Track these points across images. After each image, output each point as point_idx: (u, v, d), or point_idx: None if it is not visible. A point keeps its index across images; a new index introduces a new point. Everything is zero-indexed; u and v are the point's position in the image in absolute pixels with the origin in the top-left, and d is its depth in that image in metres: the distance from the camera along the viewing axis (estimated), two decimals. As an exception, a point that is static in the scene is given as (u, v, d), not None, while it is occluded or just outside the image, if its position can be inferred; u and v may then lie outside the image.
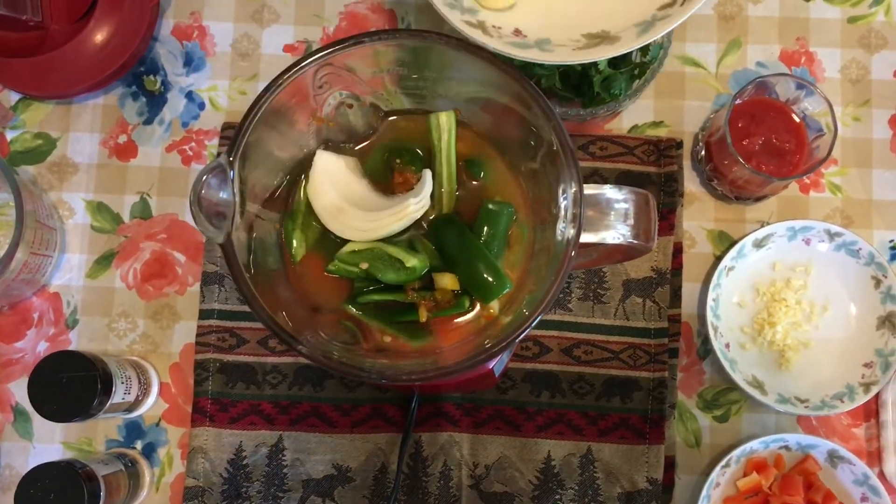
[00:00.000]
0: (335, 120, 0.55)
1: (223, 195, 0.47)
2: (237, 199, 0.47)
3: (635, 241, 0.50)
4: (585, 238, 0.49)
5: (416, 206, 0.53)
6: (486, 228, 0.54)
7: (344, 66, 0.51)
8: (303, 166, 0.56)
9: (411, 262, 0.52)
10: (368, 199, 0.55)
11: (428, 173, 0.54)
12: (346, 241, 0.54)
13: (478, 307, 0.55)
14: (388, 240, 0.54)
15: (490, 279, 0.53)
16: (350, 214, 0.53)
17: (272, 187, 0.55)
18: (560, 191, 0.49)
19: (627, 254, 0.55)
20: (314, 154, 0.55)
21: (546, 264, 0.52)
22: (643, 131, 0.86)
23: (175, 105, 0.86)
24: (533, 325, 0.48)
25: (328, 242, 0.54)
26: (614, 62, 0.82)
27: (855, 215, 0.85)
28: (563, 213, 0.49)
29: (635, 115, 0.86)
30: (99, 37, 0.83)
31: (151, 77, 0.87)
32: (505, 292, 0.53)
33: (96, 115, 0.86)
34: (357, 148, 0.58)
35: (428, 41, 0.49)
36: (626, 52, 0.67)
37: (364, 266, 0.53)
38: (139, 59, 0.87)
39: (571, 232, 0.48)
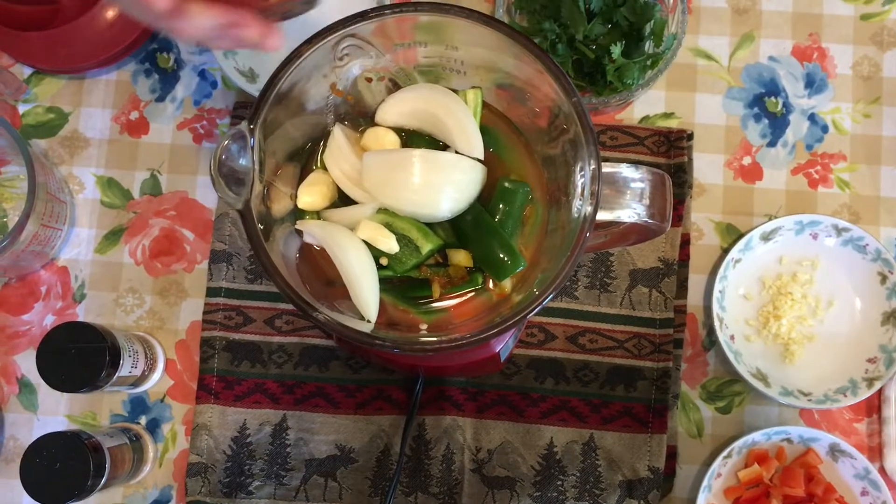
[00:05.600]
0: (353, 94, 0.55)
1: (242, 162, 0.47)
2: (256, 166, 0.47)
3: (650, 221, 0.51)
4: (601, 216, 0.49)
5: None
6: (501, 206, 0.54)
7: (365, 38, 0.51)
8: (318, 140, 0.56)
9: (426, 247, 0.52)
10: None
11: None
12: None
13: (491, 284, 0.55)
14: None
15: (504, 257, 0.53)
16: None
17: (288, 159, 0.55)
18: (577, 168, 0.50)
19: (642, 234, 0.55)
20: (330, 128, 0.56)
21: (560, 244, 0.52)
22: (654, 122, 0.86)
23: (188, 83, 0.87)
24: (545, 302, 0.49)
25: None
26: (628, 52, 0.82)
27: (862, 211, 0.85)
28: (579, 190, 0.50)
29: (647, 105, 0.86)
30: (111, 12, 0.83)
31: (165, 54, 0.87)
32: (518, 271, 0.53)
33: (109, 90, 0.86)
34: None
35: (450, 15, 0.49)
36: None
37: (384, 262, 0.53)
38: (152, 36, 0.87)
39: (588, 209, 0.49)
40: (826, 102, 0.86)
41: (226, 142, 0.46)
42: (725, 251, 0.83)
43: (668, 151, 0.84)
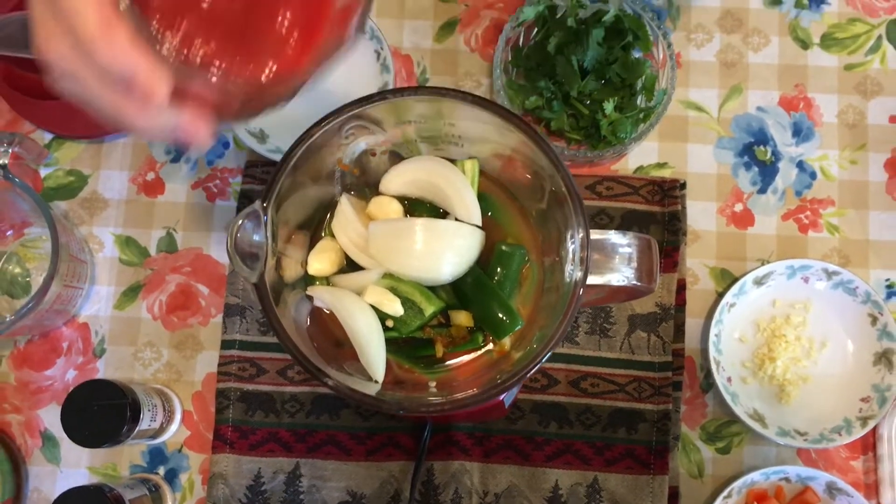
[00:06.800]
0: (359, 166, 0.59)
1: (256, 238, 0.50)
2: (270, 242, 0.51)
3: (638, 283, 0.54)
4: (592, 280, 0.52)
5: None
6: (499, 269, 0.57)
7: (370, 118, 0.55)
8: (326, 209, 0.60)
9: (429, 309, 0.56)
10: None
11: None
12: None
13: (491, 343, 0.58)
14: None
15: (503, 317, 0.56)
16: None
17: (299, 227, 0.58)
18: (568, 235, 0.53)
19: (632, 294, 0.58)
20: (337, 198, 0.59)
21: (555, 302, 0.55)
22: (648, 172, 0.90)
23: (201, 144, 0.91)
24: (543, 361, 0.52)
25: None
26: (621, 107, 0.86)
27: (852, 255, 0.88)
28: (570, 256, 0.53)
29: (640, 156, 0.90)
30: (129, 79, 0.87)
31: (179, 117, 0.91)
32: (517, 329, 0.57)
33: (126, 153, 0.90)
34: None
35: (447, 97, 0.53)
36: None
37: (390, 324, 0.56)
38: (167, 101, 0.91)
39: (579, 274, 0.52)
40: (813, 150, 0.90)
41: (241, 220, 0.50)
42: (720, 295, 0.86)
43: (663, 200, 0.87)
